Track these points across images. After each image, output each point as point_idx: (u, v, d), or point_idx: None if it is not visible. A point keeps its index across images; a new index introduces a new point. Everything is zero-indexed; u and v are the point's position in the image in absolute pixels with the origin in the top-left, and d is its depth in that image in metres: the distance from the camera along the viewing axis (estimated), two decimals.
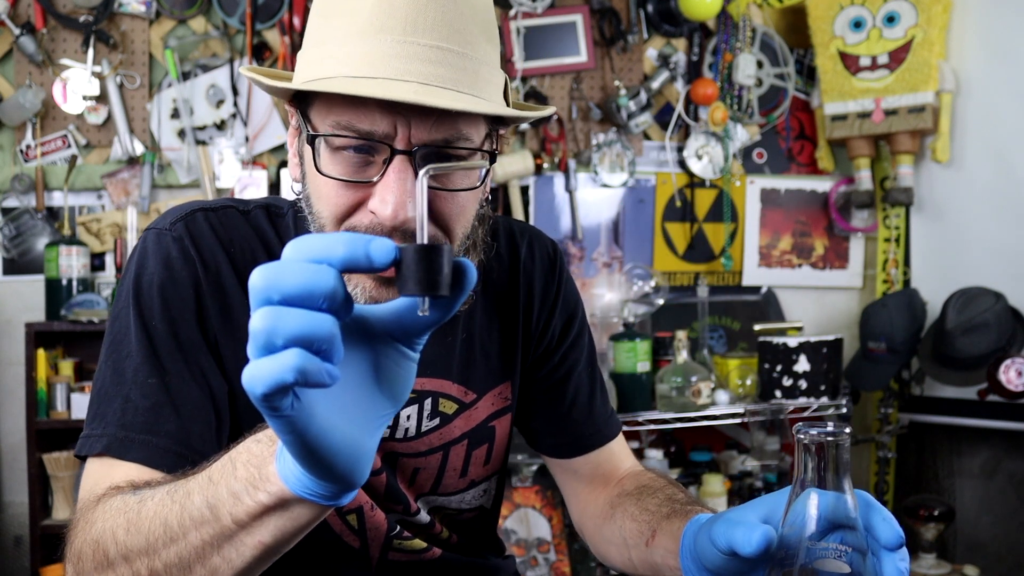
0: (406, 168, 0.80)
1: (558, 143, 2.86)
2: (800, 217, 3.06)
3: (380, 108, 0.79)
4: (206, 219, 0.93)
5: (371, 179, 0.82)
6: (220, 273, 0.92)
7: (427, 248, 0.53)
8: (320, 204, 0.85)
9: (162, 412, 0.85)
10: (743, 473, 2.60)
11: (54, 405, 2.41)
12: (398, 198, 0.80)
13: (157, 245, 0.91)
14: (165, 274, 0.89)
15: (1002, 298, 2.53)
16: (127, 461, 0.83)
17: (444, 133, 0.81)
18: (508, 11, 2.79)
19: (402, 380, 0.59)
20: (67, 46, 2.62)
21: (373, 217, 0.82)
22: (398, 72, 0.78)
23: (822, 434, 0.64)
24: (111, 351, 0.89)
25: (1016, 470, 2.59)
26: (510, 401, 1.08)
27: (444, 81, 0.79)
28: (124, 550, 0.70)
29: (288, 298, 0.51)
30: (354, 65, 0.79)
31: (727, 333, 2.98)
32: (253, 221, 0.97)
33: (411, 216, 0.81)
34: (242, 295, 0.92)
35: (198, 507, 0.66)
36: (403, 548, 1.01)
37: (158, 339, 0.88)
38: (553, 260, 1.11)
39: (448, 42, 0.80)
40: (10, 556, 2.62)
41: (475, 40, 0.83)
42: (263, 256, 0.95)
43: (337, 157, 0.82)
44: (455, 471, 1.04)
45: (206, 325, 0.90)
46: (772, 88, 3.00)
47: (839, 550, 0.64)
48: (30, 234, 2.64)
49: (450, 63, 0.80)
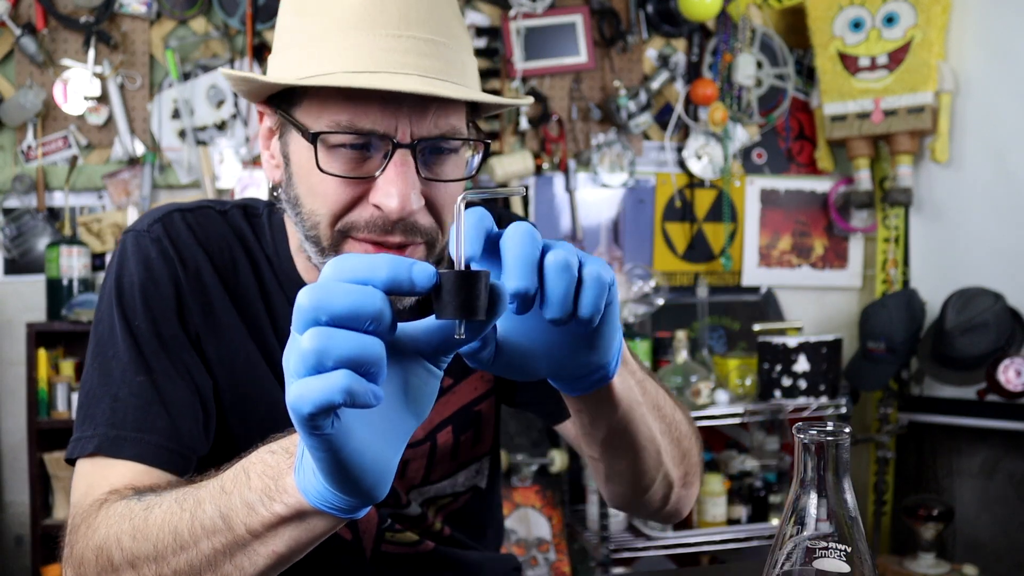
0: (407, 161, 0.81)
1: (558, 143, 2.86)
2: (800, 217, 3.06)
3: (380, 104, 0.79)
4: (183, 219, 0.95)
5: (372, 174, 0.82)
6: (200, 271, 0.93)
7: (467, 274, 0.54)
8: (316, 202, 0.85)
9: (152, 409, 0.86)
10: (743, 473, 2.60)
11: (55, 405, 2.42)
12: (403, 191, 0.80)
13: (136, 246, 0.92)
14: (145, 274, 0.91)
15: (1001, 298, 2.53)
16: (120, 459, 0.84)
17: (441, 128, 0.82)
18: (508, 11, 2.79)
19: (427, 396, 0.60)
20: (68, 47, 2.62)
21: (374, 211, 0.83)
22: (398, 66, 0.79)
23: (822, 434, 0.64)
24: (96, 353, 0.90)
25: (1015, 470, 2.60)
26: (492, 383, 1.08)
27: (439, 73, 0.81)
28: (130, 556, 0.71)
29: (337, 319, 0.51)
30: (349, 60, 0.79)
31: (727, 333, 2.98)
32: (231, 220, 0.98)
33: (415, 208, 0.82)
34: (223, 292, 0.93)
35: (210, 516, 0.66)
36: (396, 541, 1.02)
37: (142, 338, 0.89)
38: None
39: (438, 34, 0.81)
40: (11, 556, 2.63)
41: (456, 30, 0.84)
42: (241, 254, 0.96)
43: (334, 154, 0.82)
44: (444, 458, 1.04)
45: (188, 323, 0.91)
46: (772, 88, 3.00)
47: (839, 550, 0.64)
48: (31, 234, 2.64)
49: (441, 55, 0.81)
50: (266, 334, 0.95)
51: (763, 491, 2.58)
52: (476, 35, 2.81)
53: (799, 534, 0.66)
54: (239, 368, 0.94)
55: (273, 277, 0.97)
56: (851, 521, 0.65)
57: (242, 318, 0.94)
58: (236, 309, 0.94)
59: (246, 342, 0.94)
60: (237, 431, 0.95)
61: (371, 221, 0.83)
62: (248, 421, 0.94)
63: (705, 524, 2.51)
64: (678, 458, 0.92)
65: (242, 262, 0.96)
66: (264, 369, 0.94)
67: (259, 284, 0.96)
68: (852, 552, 0.64)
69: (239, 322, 0.94)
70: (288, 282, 0.96)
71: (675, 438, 0.91)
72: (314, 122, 0.82)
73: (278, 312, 0.96)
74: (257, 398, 0.94)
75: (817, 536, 0.65)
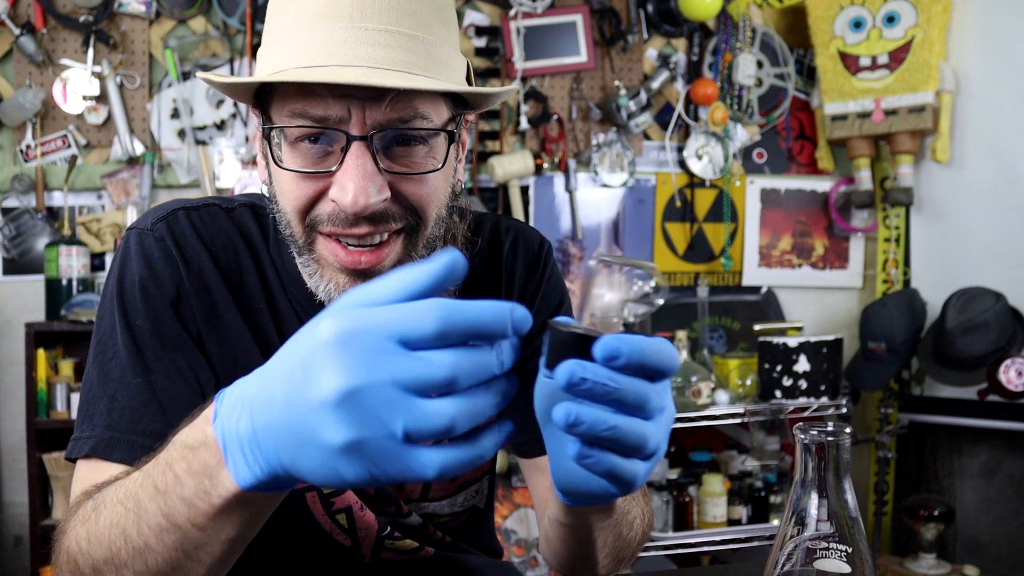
0: (364, 154, 0.80)
1: (558, 143, 2.86)
2: (800, 217, 3.06)
3: (332, 94, 0.79)
4: (187, 218, 0.94)
5: (330, 168, 0.82)
6: (203, 271, 0.92)
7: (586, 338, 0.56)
8: (283, 199, 0.86)
9: (147, 411, 0.85)
10: (743, 473, 2.60)
11: (54, 405, 2.42)
12: (358, 184, 0.80)
13: (139, 245, 0.91)
14: (147, 273, 0.90)
15: (1002, 298, 2.53)
16: (112, 462, 0.83)
17: (399, 112, 0.81)
18: (508, 10, 2.79)
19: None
20: (67, 46, 2.62)
21: (334, 206, 0.82)
22: (347, 58, 0.79)
23: (822, 434, 0.64)
24: (97, 353, 0.89)
25: (1016, 470, 2.59)
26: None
27: (395, 63, 0.80)
28: (92, 561, 0.70)
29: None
30: (304, 55, 0.80)
31: (727, 333, 2.98)
32: (237, 219, 0.97)
33: (373, 203, 0.81)
34: (226, 293, 0.92)
35: (153, 516, 0.65)
36: (395, 548, 1.01)
37: (142, 338, 0.88)
38: (538, 255, 1.08)
39: (398, 25, 0.80)
40: (10, 556, 2.62)
41: (428, 22, 0.83)
42: (245, 254, 0.95)
43: (296, 150, 0.83)
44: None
45: (189, 323, 0.91)
46: (772, 88, 3.00)
47: (840, 550, 0.64)
48: (30, 234, 2.64)
49: (400, 45, 0.80)
50: (269, 335, 0.94)
51: (763, 491, 2.58)
52: (476, 34, 2.81)
53: (800, 534, 0.65)
54: (241, 370, 0.91)
55: (276, 277, 0.96)
56: (852, 521, 0.65)
57: (245, 319, 0.93)
58: (239, 310, 0.93)
59: (248, 343, 0.93)
60: None
61: (333, 214, 0.83)
62: None
63: (705, 524, 2.51)
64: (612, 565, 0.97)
65: (246, 262, 0.95)
66: None
67: (263, 284, 0.95)
68: (853, 552, 0.64)
69: (242, 323, 0.93)
70: (292, 283, 0.95)
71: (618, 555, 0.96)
72: (279, 117, 0.83)
73: (282, 313, 0.95)
74: None
75: (818, 536, 0.65)
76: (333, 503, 0.96)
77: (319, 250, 0.86)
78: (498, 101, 0.92)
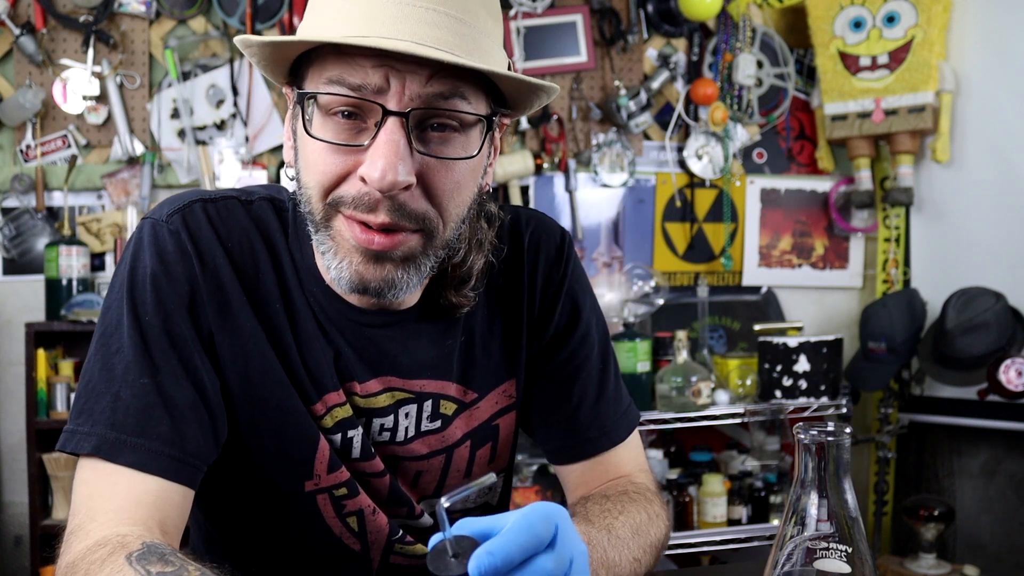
0: (398, 131, 0.78)
1: (558, 143, 2.86)
2: (800, 217, 3.06)
3: (372, 62, 0.78)
4: (204, 211, 0.91)
5: (362, 143, 0.80)
6: (218, 268, 0.89)
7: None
8: (308, 174, 0.84)
9: (154, 414, 0.83)
10: (743, 473, 2.60)
11: (54, 405, 2.42)
12: (388, 160, 0.77)
13: (153, 237, 0.88)
14: (160, 268, 0.87)
15: (1002, 298, 2.53)
16: (119, 464, 0.81)
17: (440, 87, 0.79)
18: (508, 11, 2.79)
19: None
20: (67, 46, 2.62)
21: (361, 186, 0.80)
22: (391, 31, 0.77)
23: (822, 434, 0.64)
24: (101, 344, 0.86)
25: (1016, 470, 2.59)
26: (515, 398, 1.05)
27: (439, 43, 0.77)
28: None
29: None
30: (345, 25, 0.78)
31: (727, 333, 2.98)
32: (255, 212, 0.94)
33: (401, 180, 0.79)
34: (240, 290, 0.90)
35: None
36: (405, 552, 1.00)
37: (151, 335, 0.85)
38: (560, 248, 1.05)
39: (445, 6, 0.79)
40: (10, 556, 2.62)
41: (475, 10, 0.81)
42: (262, 250, 0.92)
43: (329, 123, 0.81)
44: (459, 472, 1.02)
45: (201, 321, 0.88)
46: (772, 88, 3.00)
47: (840, 550, 0.64)
48: (30, 234, 2.64)
49: (446, 26, 0.78)
50: (283, 334, 0.91)
51: (763, 491, 2.58)
52: None
53: (800, 534, 0.65)
54: (254, 369, 0.90)
55: (294, 273, 0.93)
56: (852, 521, 0.65)
57: (259, 317, 0.90)
58: (253, 308, 0.90)
59: (262, 343, 0.90)
60: (248, 435, 0.91)
61: (357, 197, 0.81)
62: (260, 425, 0.91)
63: (705, 524, 2.51)
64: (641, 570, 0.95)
65: (263, 257, 0.92)
66: (279, 371, 0.90)
67: (279, 282, 0.92)
68: (853, 552, 0.64)
69: (256, 321, 0.90)
70: (309, 278, 0.93)
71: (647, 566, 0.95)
72: (314, 87, 0.81)
73: (297, 310, 0.92)
74: (271, 400, 0.91)
75: (818, 536, 0.65)
76: (345, 505, 0.95)
77: (336, 226, 0.84)
78: (540, 104, 0.89)
